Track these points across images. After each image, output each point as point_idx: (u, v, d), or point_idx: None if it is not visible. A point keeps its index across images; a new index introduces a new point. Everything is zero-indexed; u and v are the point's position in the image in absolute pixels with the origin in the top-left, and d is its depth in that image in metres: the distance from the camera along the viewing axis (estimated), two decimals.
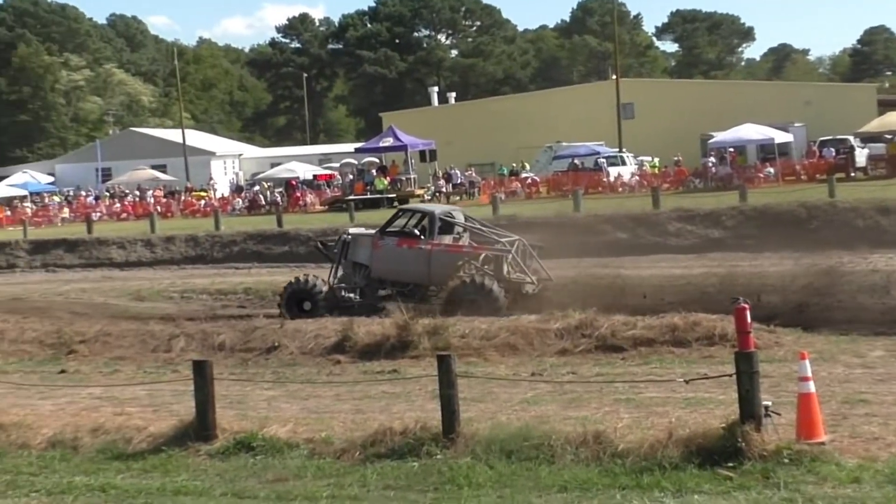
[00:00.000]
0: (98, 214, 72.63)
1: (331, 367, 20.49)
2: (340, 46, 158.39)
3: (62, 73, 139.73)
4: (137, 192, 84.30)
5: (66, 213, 77.09)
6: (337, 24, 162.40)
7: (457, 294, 26.36)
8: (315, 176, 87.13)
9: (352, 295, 28.45)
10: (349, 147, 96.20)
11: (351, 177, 72.18)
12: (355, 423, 14.84)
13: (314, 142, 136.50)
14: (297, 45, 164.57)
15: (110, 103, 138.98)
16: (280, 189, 77.79)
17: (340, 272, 29.54)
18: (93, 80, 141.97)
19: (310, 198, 72.86)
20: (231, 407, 16.36)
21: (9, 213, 76.80)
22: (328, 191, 76.89)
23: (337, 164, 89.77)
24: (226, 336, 22.61)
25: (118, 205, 79.00)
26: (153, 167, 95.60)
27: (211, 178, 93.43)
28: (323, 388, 18.19)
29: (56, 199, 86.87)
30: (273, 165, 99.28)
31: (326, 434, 14.06)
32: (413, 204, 45.93)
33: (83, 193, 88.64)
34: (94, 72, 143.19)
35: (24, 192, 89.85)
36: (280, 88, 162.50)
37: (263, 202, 72.82)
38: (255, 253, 44.57)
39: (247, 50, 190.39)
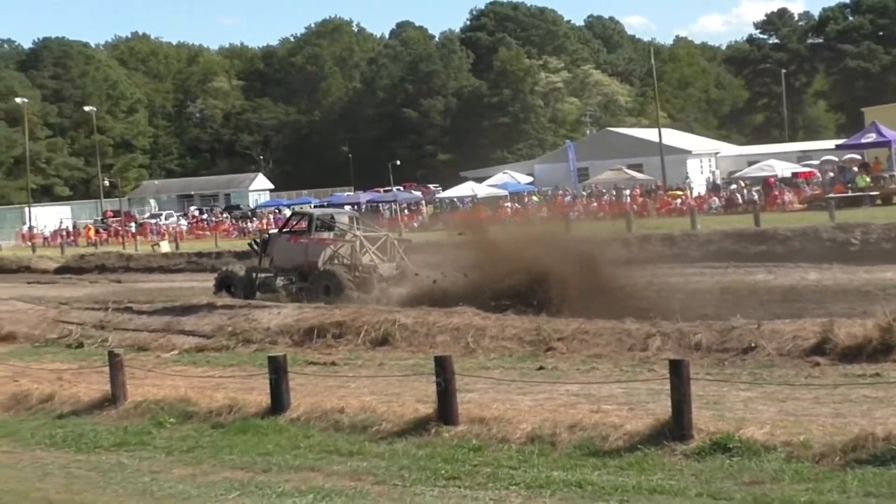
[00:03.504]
0: (575, 213, 73.94)
1: (809, 369, 19.95)
2: (821, 41, 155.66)
3: (541, 75, 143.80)
4: (614, 192, 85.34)
5: (544, 212, 78.85)
6: (817, 18, 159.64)
7: (318, 279, 34.56)
8: (794, 174, 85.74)
9: (285, 280, 35.99)
10: (829, 144, 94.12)
11: (831, 174, 70.61)
12: (835, 427, 14.41)
13: (793, 139, 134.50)
14: (776, 41, 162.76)
15: (587, 104, 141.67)
16: (757, 187, 76.87)
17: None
18: (570, 82, 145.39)
19: (788, 196, 71.54)
20: (707, 407, 16.21)
21: (490, 213, 79.23)
22: (807, 189, 75.33)
23: (816, 162, 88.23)
24: (702, 335, 22.36)
25: (595, 204, 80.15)
26: (629, 166, 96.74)
27: (687, 177, 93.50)
28: (801, 391, 17.75)
29: (535, 198, 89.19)
30: (750, 163, 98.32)
31: (805, 437, 13.72)
32: (300, 209, 51.93)
33: (560, 193, 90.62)
34: (572, 73, 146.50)
35: (504, 193, 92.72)
36: (757, 85, 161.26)
37: (740, 201, 72.09)
38: (731, 252, 43.85)
39: (724, 47, 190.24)
